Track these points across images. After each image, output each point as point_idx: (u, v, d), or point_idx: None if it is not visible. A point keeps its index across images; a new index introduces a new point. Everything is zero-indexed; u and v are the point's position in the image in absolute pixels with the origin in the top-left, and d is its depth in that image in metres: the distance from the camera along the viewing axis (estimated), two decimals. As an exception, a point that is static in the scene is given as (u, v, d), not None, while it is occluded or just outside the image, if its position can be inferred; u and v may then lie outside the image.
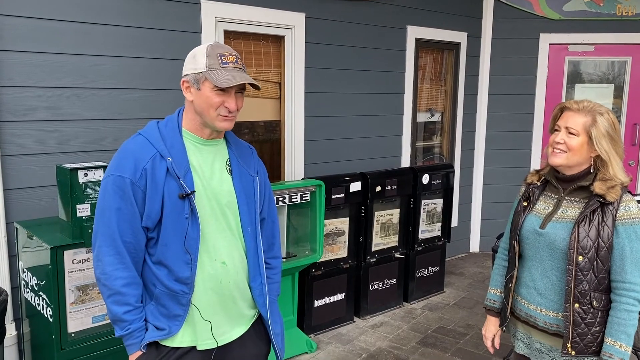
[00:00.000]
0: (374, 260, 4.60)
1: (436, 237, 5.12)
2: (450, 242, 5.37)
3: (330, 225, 4.25)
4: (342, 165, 4.84)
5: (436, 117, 5.93)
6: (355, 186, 4.32)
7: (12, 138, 3.14)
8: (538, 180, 2.23)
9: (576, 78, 6.03)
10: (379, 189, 4.48)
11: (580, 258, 1.99)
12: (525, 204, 2.22)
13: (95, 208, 2.21)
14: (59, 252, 2.67)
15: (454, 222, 6.02)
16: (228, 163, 1.96)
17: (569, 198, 2.11)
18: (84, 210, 2.75)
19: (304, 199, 3.86)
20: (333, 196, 4.16)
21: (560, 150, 2.07)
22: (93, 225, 1.85)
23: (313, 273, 4.16)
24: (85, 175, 2.75)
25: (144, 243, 1.84)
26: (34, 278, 2.84)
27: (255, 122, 4.39)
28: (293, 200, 3.80)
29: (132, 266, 1.82)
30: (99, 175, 2.77)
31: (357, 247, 4.49)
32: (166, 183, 1.80)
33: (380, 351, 4.05)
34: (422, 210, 4.95)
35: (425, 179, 4.85)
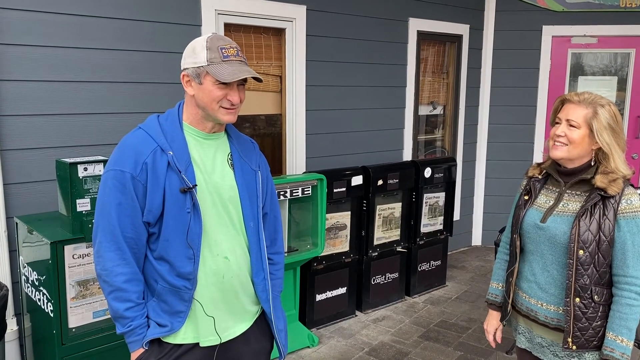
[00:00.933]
0: (376, 254, 4.60)
1: (438, 231, 5.11)
2: (452, 236, 5.36)
3: (332, 219, 4.24)
4: (344, 158, 4.82)
5: (438, 110, 5.91)
6: (357, 180, 4.31)
7: (11, 132, 3.13)
8: (539, 174, 2.21)
9: (579, 70, 5.99)
10: (380, 182, 4.47)
11: (581, 252, 1.98)
12: (526, 197, 2.20)
13: (95, 203, 2.21)
14: (59, 247, 2.66)
15: (456, 216, 5.99)
16: (230, 157, 1.94)
17: (570, 191, 2.09)
18: (84, 204, 2.74)
19: (305, 193, 3.84)
20: (335, 190, 4.15)
21: (562, 143, 2.05)
22: (93, 220, 1.84)
23: (315, 267, 4.16)
24: (85, 169, 2.73)
25: (145, 238, 1.82)
26: (35, 273, 2.84)
27: (257, 116, 4.38)
28: (294, 194, 3.79)
29: (134, 262, 1.80)
30: (98, 169, 2.76)
31: (359, 241, 4.48)
32: (167, 177, 1.77)
33: (382, 345, 4.05)
34: (424, 204, 4.94)
35: (427, 172, 4.83)
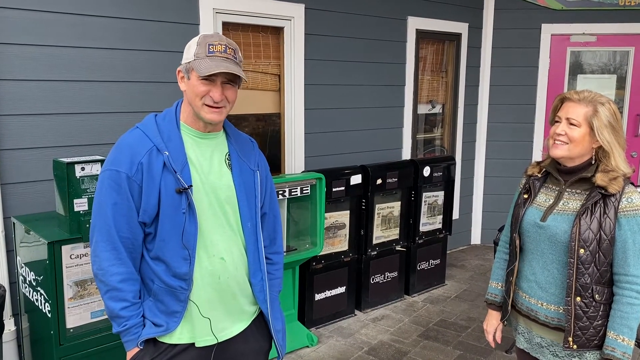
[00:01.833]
0: (375, 253, 4.59)
1: (437, 230, 5.10)
2: (452, 235, 5.36)
3: (331, 219, 4.23)
4: (343, 157, 4.81)
5: (437, 109, 5.90)
6: (356, 179, 4.30)
7: (9, 132, 3.12)
8: (539, 172, 2.20)
9: (578, 69, 5.98)
10: (379, 181, 4.46)
11: (581, 251, 1.96)
12: (525, 196, 2.19)
13: (92, 202, 2.19)
14: (57, 247, 2.65)
15: (455, 215, 5.99)
16: (228, 157, 1.92)
17: (570, 190, 2.08)
18: (81, 204, 2.73)
19: (304, 192, 3.83)
20: (333, 189, 4.14)
21: (562, 142, 2.04)
22: (91, 220, 1.84)
23: (314, 266, 4.14)
24: (83, 169, 2.72)
25: (142, 238, 1.82)
26: (32, 273, 2.83)
27: (255, 115, 4.36)
28: (293, 193, 3.78)
29: (129, 262, 1.79)
30: (96, 169, 2.75)
31: (358, 240, 4.47)
32: (163, 177, 1.76)
33: (381, 344, 4.04)
34: (423, 203, 4.93)
35: (426, 171, 4.82)
